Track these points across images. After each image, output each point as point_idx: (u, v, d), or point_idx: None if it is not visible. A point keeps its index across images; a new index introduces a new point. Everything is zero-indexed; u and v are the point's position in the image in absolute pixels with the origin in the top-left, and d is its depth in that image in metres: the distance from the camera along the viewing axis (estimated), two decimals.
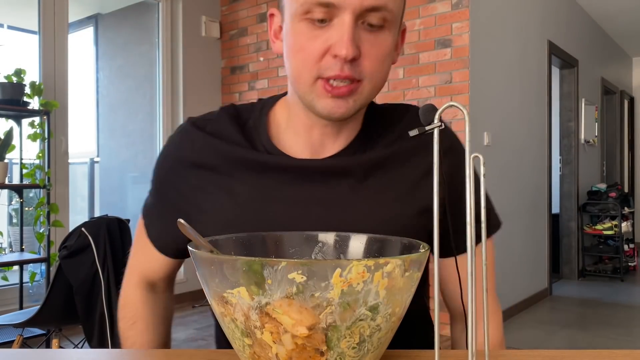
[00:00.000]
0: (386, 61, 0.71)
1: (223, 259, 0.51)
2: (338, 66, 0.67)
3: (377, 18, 0.67)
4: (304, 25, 0.68)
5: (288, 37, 0.71)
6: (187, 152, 0.79)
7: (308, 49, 0.68)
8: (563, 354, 0.67)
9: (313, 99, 0.70)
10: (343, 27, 0.66)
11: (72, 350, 1.43)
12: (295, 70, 0.71)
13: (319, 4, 0.66)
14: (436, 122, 0.49)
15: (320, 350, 0.50)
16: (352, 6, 0.65)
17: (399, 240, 0.63)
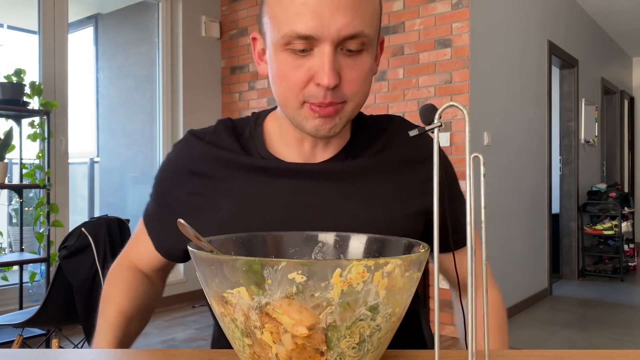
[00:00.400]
0: (367, 80, 0.75)
1: (223, 259, 0.51)
2: (321, 94, 0.71)
3: (355, 44, 0.70)
4: (287, 55, 0.71)
5: (272, 64, 0.74)
6: (186, 161, 0.83)
7: (292, 78, 0.72)
8: (563, 354, 0.67)
9: (301, 120, 0.74)
10: (323, 57, 0.69)
11: (72, 350, 1.43)
12: (281, 95, 0.75)
13: (299, 37, 0.69)
14: (436, 122, 0.49)
15: (320, 350, 0.50)
16: (330, 37, 0.68)
17: (399, 240, 0.63)
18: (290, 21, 0.69)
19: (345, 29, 0.68)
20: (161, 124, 4.23)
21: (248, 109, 4.33)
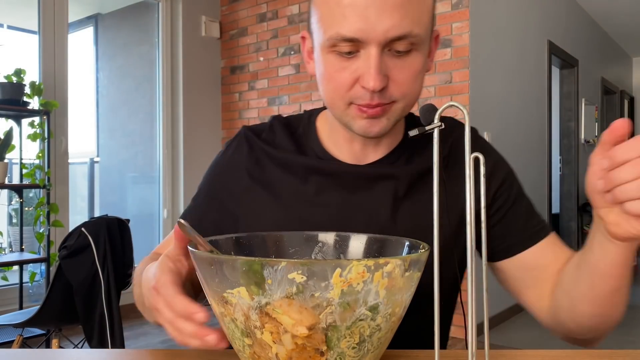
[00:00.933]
0: (417, 79, 0.72)
1: (223, 259, 0.51)
2: (368, 95, 0.69)
3: (403, 45, 0.68)
4: (333, 57, 0.70)
5: (319, 65, 0.73)
6: (244, 157, 0.84)
7: (338, 80, 0.70)
8: (563, 354, 0.67)
9: (349, 120, 0.73)
10: (369, 59, 0.67)
11: (72, 350, 1.43)
12: (328, 97, 0.74)
13: (344, 39, 0.67)
14: (436, 122, 0.49)
15: (320, 350, 0.50)
16: (376, 39, 0.66)
17: (399, 240, 0.63)
18: (336, 23, 0.68)
19: (392, 30, 0.66)
20: (161, 124, 4.23)
21: (248, 109, 4.33)
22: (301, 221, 0.77)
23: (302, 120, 0.87)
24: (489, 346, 0.48)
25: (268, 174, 0.82)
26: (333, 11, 0.68)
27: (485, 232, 0.48)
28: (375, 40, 0.66)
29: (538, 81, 4.39)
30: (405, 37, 0.67)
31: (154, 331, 3.35)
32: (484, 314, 0.47)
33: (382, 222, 0.77)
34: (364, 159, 0.81)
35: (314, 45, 0.74)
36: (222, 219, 0.84)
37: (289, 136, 0.84)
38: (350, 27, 0.66)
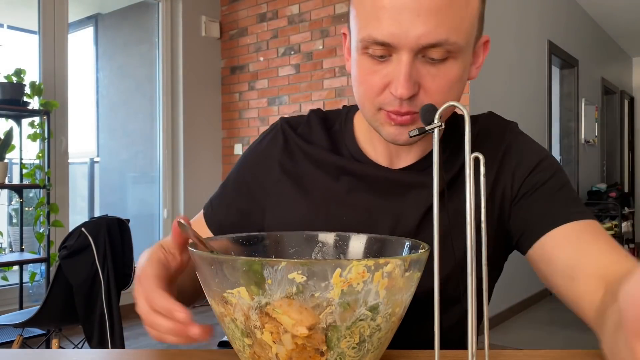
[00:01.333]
0: (453, 89, 0.68)
1: (223, 259, 0.51)
2: (397, 102, 0.67)
3: (438, 53, 0.65)
4: (365, 59, 0.68)
5: (353, 66, 0.72)
6: (278, 150, 0.82)
7: (369, 83, 0.69)
8: (563, 354, 0.67)
9: (378, 125, 0.72)
10: (400, 66, 0.65)
11: (72, 350, 1.43)
12: (359, 99, 0.73)
13: (376, 43, 0.65)
14: (436, 122, 0.49)
15: (320, 351, 0.50)
16: (408, 45, 0.64)
17: (399, 240, 0.63)
18: (369, 25, 0.65)
19: (425, 37, 0.63)
20: (161, 124, 4.23)
21: (248, 109, 4.33)
22: (328, 219, 0.76)
23: (339, 116, 0.85)
24: (489, 346, 0.48)
25: (300, 169, 0.81)
26: (368, 12, 0.66)
27: (485, 232, 0.48)
28: (407, 46, 0.64)
29: (538, 81, 4.38)
30: (440, 44, 0.64)
31: None
32: (484, 314, 0.47)
33: (408, 229, 0.75)
34: (398, 161, 0.79)
35: (351, 46, 0.72)
36: (250, 209, 0.83)
37: (325, 131, 0.82)
38: (382, 30, 0.64)
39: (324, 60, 3.85)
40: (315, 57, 3.89)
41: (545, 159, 0.79)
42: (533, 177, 0.76)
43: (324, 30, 3.85)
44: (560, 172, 0.79)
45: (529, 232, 0.73)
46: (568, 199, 0.74)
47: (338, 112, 0.87)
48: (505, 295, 3.57)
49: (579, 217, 0.71)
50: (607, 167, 6.69)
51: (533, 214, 0.74)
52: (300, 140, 0.82)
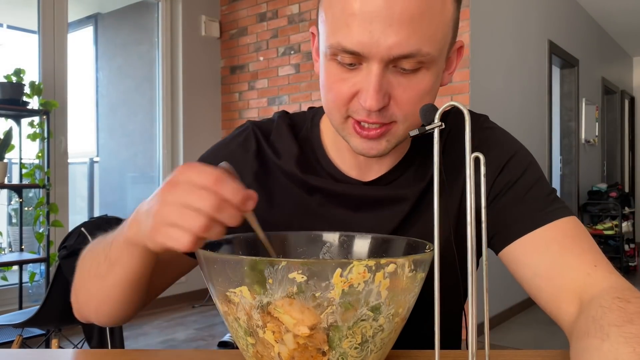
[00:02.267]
0: (424, 99, 0.65)
1: (225, 258, 0.51)
2: (365, 112, 0.64)
3: (410, 64, 0.62)
4: (334, 65, 0.65)
5: (321, 70, 0.69)
6: (250, 155, 0.78)
7: (337, 90, 0.66)
8: (563, 354, 0.67)
9: (346, 135, 0.69)
10: (370, 76, 0.62)
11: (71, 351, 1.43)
12: (326, 106, 0.70)
13: (345, 51, 0.62)
14: (436, 122, 0.49)
15: (322, 350, 0.49)
16: (379, 55, 0.61)
17: (405, 240, 0.63)
18: (338, 32, 0.62)
19: (397, 47, 0.60)
20: (161, 124, 4.23)
21: (248, 109, 4.33)
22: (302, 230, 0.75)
23: (305, 121, 0.81)
24: (489, 346, 0.48)
25: (273, 181, 0.77)
26: (337, 18, 0.63)
27: (485, 232, 0.47)
28: (378, 56, 0.61)
29: (538, 81, 4.38)
30: (412, 55, 0.61)
31: (153, 331, 3.35)
32: (485, 314, 0.47)
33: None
34: (368, 171, 0.76)
35: (320, 48, 0.69)
36: None
37: (293, 139, 0.79)
38: (352, 39, 0.61)
39: None
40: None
41: (514, 155, 0.76)
42: (503, 176, 0.74)
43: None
44: (531, 167, 0.76)
45: (499, 236, 0.72)
46: (539, 198, 0.72)
47: (304, 116, 0.82)
48: (505, 295, 3.57)
49: (552, 217, 0.70)
50: (608, 167, 6.69)
51: (504, 217, 0.72)
52: (271, 150, 0.78)
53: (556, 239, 0.68)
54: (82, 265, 0.70)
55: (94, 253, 0.67)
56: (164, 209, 0.51)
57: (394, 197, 0.75)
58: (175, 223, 0.50)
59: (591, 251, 0.67)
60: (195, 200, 0.50)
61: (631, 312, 0.54)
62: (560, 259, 0.66)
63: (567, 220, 0.70)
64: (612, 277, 0.64)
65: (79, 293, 0.72)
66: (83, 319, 0.75)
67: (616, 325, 0.53)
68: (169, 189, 0.52)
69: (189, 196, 0.50)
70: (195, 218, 0.49)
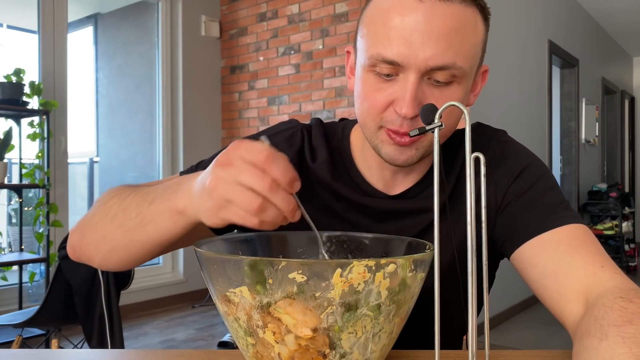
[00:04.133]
0: (454, 113, 0.71)
1: (225, 258, 0.51)
2: (399, 121, 0.68)
3: (444, 76, 0.67)
4: (371, 76, 0.69)
5: (357, 83, 0.72)
6: (291, 151, 0.81)
7: (373, 100, 0.69)
8: (563, 354, 0.67)
9: (377, 144, 0.72)
10: (406, 85, 0.66)
11: (71, 351, 1.43)
12: (361, 116, 0.73)
13: (384, 61, 0.66)
14: (436, 122, 0.49)
15: (322, 352, 0.49)
16: (416, 66, 0.65)
17: (405, 240, 0.63)
18: (379, 44, 0.67)
19: (434, 59, 0.65)
20: (161, 124, 4.22)
21: (248, 109, 4.33)
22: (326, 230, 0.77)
23: (337, 132, 0.84)
24: (489, 346, 0.48)
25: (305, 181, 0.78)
26: (378, 31, 0.67)
27: (485, 232, 0.47)
28: (415, 67, 0.65)
29: (538, 81, 4.38)
30: (447, 67, 0.66)
31: (153, 331, 3.35)
32: (485, 314, 0.47)
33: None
34: (394, 185, 0.79)
35: (356, 62, 0.73)
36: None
37: (326, 147, 0.82)
38: (392, 49, 0.65)
39: (324, 59, 3.84)
40: (315, 57, 3.88)
41: (529, 166, 0.79)
42: (516, 185, 0.77)
43: (324, 30, 3.85)
44: (545, 177, 0.79)
45: (510, 239, 0.74)
46: (551, 204, 0.74)
47: (335, 125, 0.86)
48: (505, 295, 3.57)
49: (561, 222, 0.71)
50: (608, 167, 6.69)
51: (515, 222, 0.74)
52: (309, 152, 0.82)
53: (565, 241, 0.70)
54: (103, 209, 0.70)
55: (124, 203, 0.67)
56: (220, 185, 0.53)
57: (418, 209, 0.78)
58: (233, 200, 0.52)
59: (598, 253, 0.68)
60: (248, 178, 0.52)
61: (632, 312, 0.54)
62: (568, 259, 0.67)
63: (577, 226, 0.72)
64: (618, 278, 0.64)
65: (89, 233, 0.71)
66: (80, 259, 0.75)
67: (615, 325, 0.53)
68: (222, 166, 0.53)
69: (242, 174, 0.52)
70: (250, 197, 0.52)
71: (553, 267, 0.68)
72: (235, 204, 0.52)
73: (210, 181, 0.54)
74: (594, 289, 0.63)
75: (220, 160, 0.54)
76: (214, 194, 0.54)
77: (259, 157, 0.52)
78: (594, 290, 0.63)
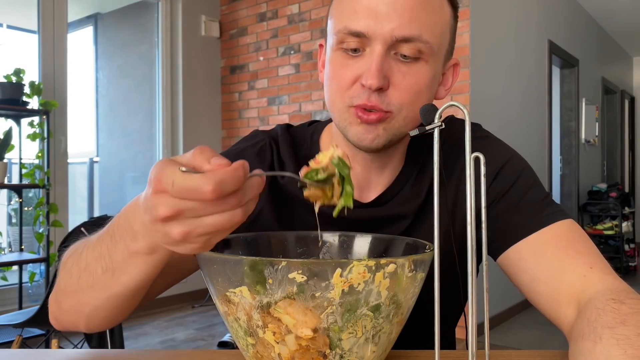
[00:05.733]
0: (422, 94, 0.69)
1: (225, 259, 0.51)
2: (365, 95, 0.67)
3: (410, 49, 0.67)
4: (339, 54, 0.70)
5: (326, 67, 0.73)
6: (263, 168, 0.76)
7: (340, 77, 0.69)
8: (563, 354, 0.67)
9: (346, 126, 0.71)
10: (372, 57, 0.66)
11: (71, 351, 1.43)
12: (330, 97, 0.73)
13: (351, 34, 0.67)
14: (436, 122, 0.49)
15: (322, 353, 0.49)
16: (382, 36, 0.66)
17: (405, 240, 0.63)
18: (346, 17, 0.68)
19: (399, 29, 0.65)
20: (161, 124, 4.22)
21: (248, 109, 4.33)
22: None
23: (305, 138, 0.82)
24: (489, 346, 0.48)
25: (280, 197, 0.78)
26: (346, 7, 0.69)
27: (485, 232, 0.47)
28: (381, 37, 0.66)
29: (538, 81, 4.38)
30: (413, 39, 0.66)
31: (153, 331, 3.34)
32: (485, 314, 0.47)
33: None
34: (368, 191, 0.77)
35: (327, 48, 0.74)
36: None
37: (294, 158, 0.79)
38: (358, 21, 0.66)
39: None
40: (315, 57, 3.88)
41: (508, 162, 0.78)
42: (497, 184, 0.76)
43: (324, 30, 3.85)
44: (524, 173, 0.78)
45: (496, 243, 0.74)
46: (533, 203, 0.73)
47: (304, 131, 0.83)
48: (505, 295, 3.57)
49: (546, 221, 0.71)
50: (608, 167, 6.69)
51: (499, 224, 0.73)
52: (279, 168, 0.79)
53: (551, 242, 0.69)
54: (64, 273, 0.64)
55: (81, 262, 0.62)
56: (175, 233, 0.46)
57: (394, 216, 0.76)
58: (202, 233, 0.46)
59: (586, 253, 0.68)
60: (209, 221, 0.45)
61: (625, 313, 0.54)
62: (556, 263, 0.67)
63: (563, 223, 0.71)
64: (608, 279, 0.64)
65: (64, 300, 0.66)
66: (65, 327, 0.69)
67: (609, 327, 0.53)
68: (168, 217, 0.46)
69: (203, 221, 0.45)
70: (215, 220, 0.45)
71: (542, 273, 0.67)
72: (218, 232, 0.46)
73: (172, 234, 0.46)
74: (585, 291, 0.63)
75: (161, 213, 0.45)
76: (189, 240, 0.46)
77: (201, 197, 0.43)
78: (585, 292, 0.63)
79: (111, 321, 0.66)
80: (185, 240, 0.46)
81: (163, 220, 0.45)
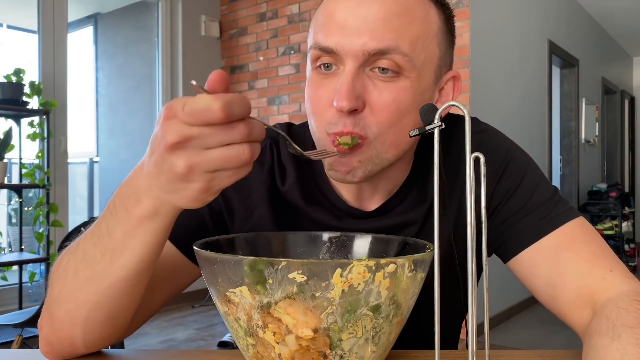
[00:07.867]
0: (403, 113, 0.62)
1: (225, 259, 0.51)
2: (341, 121, 0.61)
3: (387, 63, 0.60)
4: (316, 73, 0.65)
5: (306, 86, 0.68)
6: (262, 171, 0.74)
7: (317, 99, 0.64)
8: (563, 354, 0.67)
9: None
10: (343, 75, 0.60)
11: None
12: (310, 120, 0.67)
13: (321, 49, 0.62)
14: (436, 122, 0.49)
15: (323, 353, 0.49)
16: (352, 52, 0.60)
17: (406, 240, 0.63)
18: (318, 32, 0.63)
19: (371, 42, 0.59)
20: None
21: None
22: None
23: (305, 139, 0.76)
24: (489, 346, 0.48)
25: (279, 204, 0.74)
26: (318, 20, 0.64)
27: (485, 232, 0.47)
28: (352, 54, 0.60)
29: (538, 81, 4.38)
30: (388, 51, 0.59)
31: (153, 331, 3.34)
32: (485, 314, 0.47)
33: None
34: (371, 200, 0.72)
35: (307, 66, 0.68)
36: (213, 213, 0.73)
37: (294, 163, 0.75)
38: (328, 36, 0.61)
39: None
40: None
41: (511, 161, 0.73)
42: (502, 186, 0.72)
43: None
44: (529, 169, 0.73)
45: (505, 246, 0.71)
46: (542, 203, 0.70)
47: (305, 132, 0.76)
48: (505, 295, 3.57)
49: (557, 222, 0.68)
50: (608, 167, 6.69)
51: (508, 227, 0.70)
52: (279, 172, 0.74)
53: (565, 245, 0.67)
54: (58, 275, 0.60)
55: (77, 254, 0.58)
56: (194, 163, 0.45)
57: (401, 224, 0.72)
58: (220, 167, 0.45)
59: (604, 255, 0.66)
60: (216, 139, 0.44)
61: None
62: (572, 266, 0.65)
63: (574, 223, 0.68)
64: (631, 282, 0.63)
65: (57, 309, 0.60)
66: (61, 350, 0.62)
67: (630, 327, 0.52)
68: (177, 144, 0.45)
69: (207, 140, 0.44)
70: (236, 151, 0.45)
71: (559, 277, 0.65)
72: (223, 169, 0.45)
73: (177, 167, 0.45)
74: (604, 292, 0.62)
75: (169, 140, 0.44)
76: (193, 177, 0.45)
77: (210, 116, 0.42)
78: (603, 293, 0.61)
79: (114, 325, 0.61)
80: (190, 174, 0.45)
81: (171, 147, 0.44)
